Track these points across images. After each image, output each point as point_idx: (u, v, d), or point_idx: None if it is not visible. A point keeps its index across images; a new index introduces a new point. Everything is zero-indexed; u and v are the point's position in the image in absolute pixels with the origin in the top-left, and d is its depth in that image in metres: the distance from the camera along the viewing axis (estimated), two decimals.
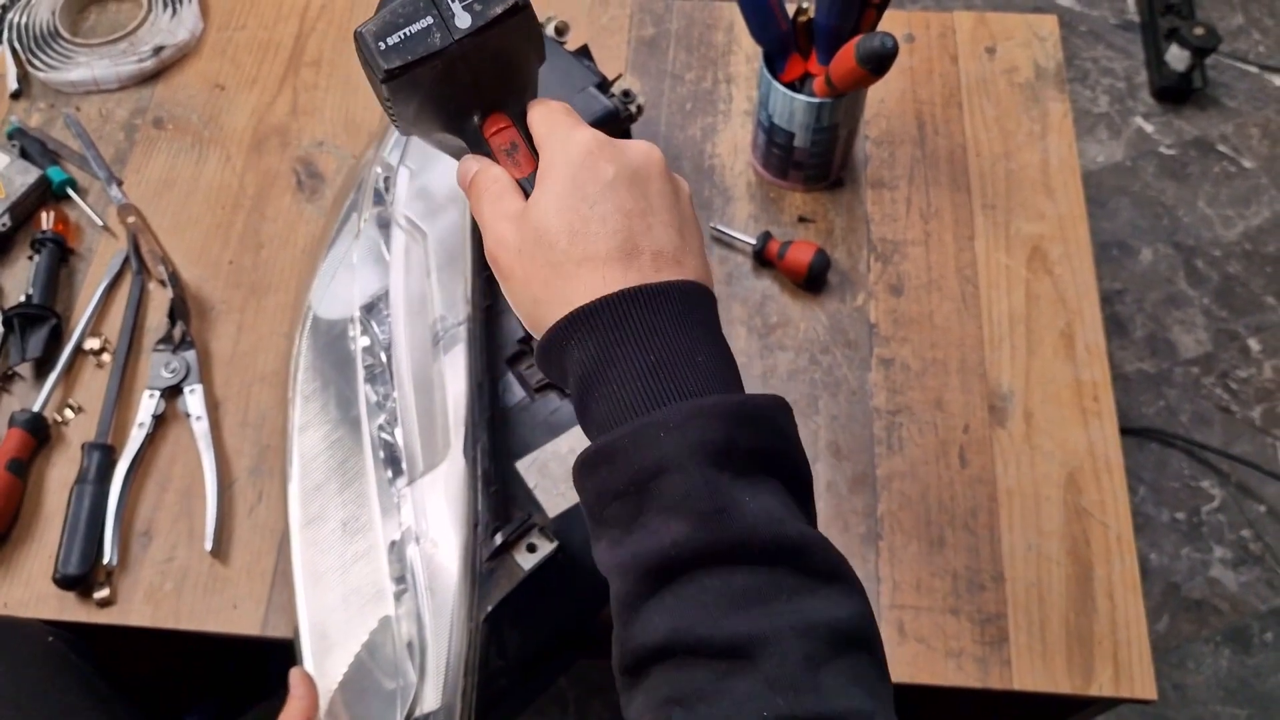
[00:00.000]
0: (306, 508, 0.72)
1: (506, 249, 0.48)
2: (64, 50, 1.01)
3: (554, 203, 0.47)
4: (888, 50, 0.76)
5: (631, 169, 0.48)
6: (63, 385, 0.84)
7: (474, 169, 0.51)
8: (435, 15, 0.48)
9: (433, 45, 0.48)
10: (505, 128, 0.51)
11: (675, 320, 0.45)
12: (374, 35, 0.47)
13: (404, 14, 0.48)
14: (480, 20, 0.48)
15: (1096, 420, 0.82)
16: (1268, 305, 1.57)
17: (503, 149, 0.51)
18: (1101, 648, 0.74)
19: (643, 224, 0.47)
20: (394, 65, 0.47)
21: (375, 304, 0.75)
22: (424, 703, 0.61)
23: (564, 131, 0.49)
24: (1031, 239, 0.90)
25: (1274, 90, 1.79)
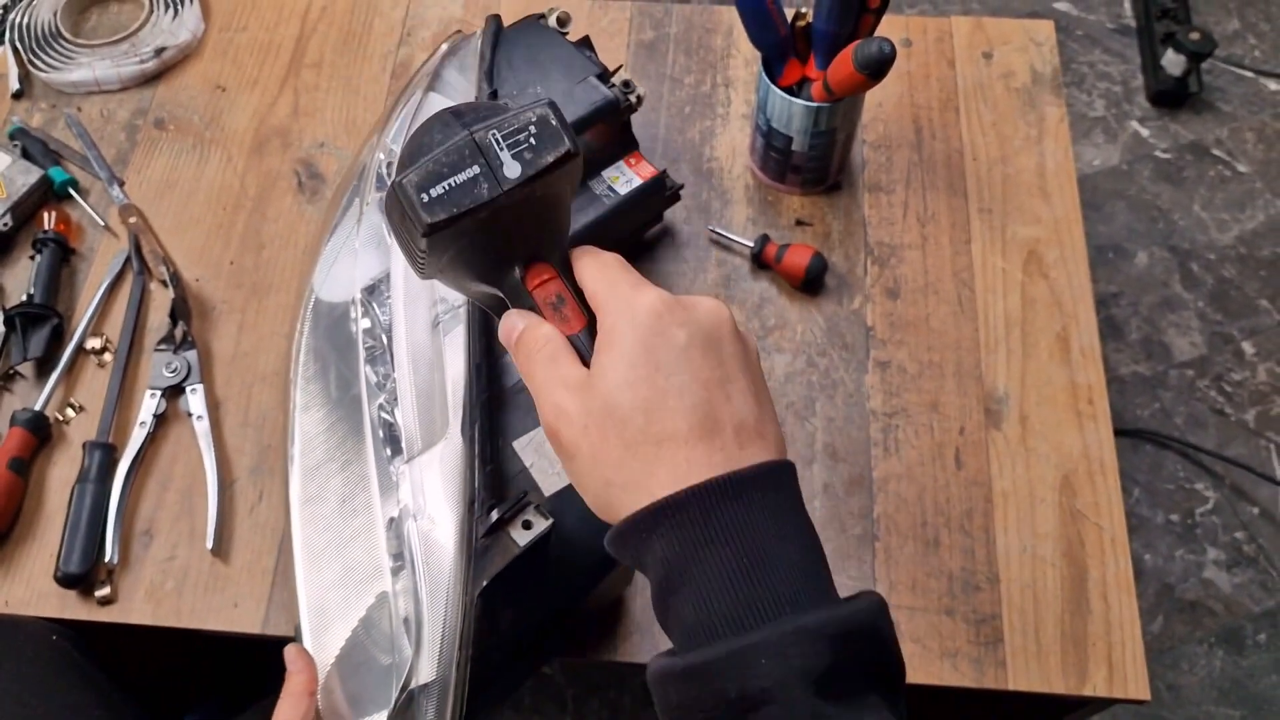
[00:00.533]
0: (306, 486, 0.72)
1: (570, 423, 0.44)
2: (66, 51, 1.01)
3: (625, 374, 0.43)
4: (885, 56, 0.77)
5: (704, 332, 0.45)
6: (64, 384, 0.84)
7: (519, 326, 0.47)
8: (483, 164, 0.44)
9: (480, 196, 0.44)
10: (550, 279, 0.48)
11: (765, 512, 0.42)
12: (416, 186, 0.44)
13: (448, 162, 0.44)
14: (531, 169, 0.45)
15: (1091, 423, 0.83)
16: (1262, 309, 1.58)
17: (548, 302, 0.47)
18: (1096, 649, 0.74)
19: (722, 394, 0.44)
20: (438, 219, 0.44)
21: (376, 286, 0.76)
22: (419, 675, 0.62)
23: (626, 291, 0.45)
24: (1027, 243, 0.91)
25: (1269, 95, 1.80)
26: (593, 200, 0.83)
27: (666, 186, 0.87)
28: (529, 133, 0.45)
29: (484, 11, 1.03)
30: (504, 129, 0.45)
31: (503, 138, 0.45)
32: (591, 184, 0.84)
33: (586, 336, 0.46)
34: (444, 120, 0.47)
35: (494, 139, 0.45)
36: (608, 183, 0.84)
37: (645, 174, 0.85)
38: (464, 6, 1.06)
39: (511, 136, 0.45)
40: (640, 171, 0.85)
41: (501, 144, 0.45)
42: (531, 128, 0.45)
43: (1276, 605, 1.36)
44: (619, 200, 0.84)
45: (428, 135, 0.47)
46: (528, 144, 0.45)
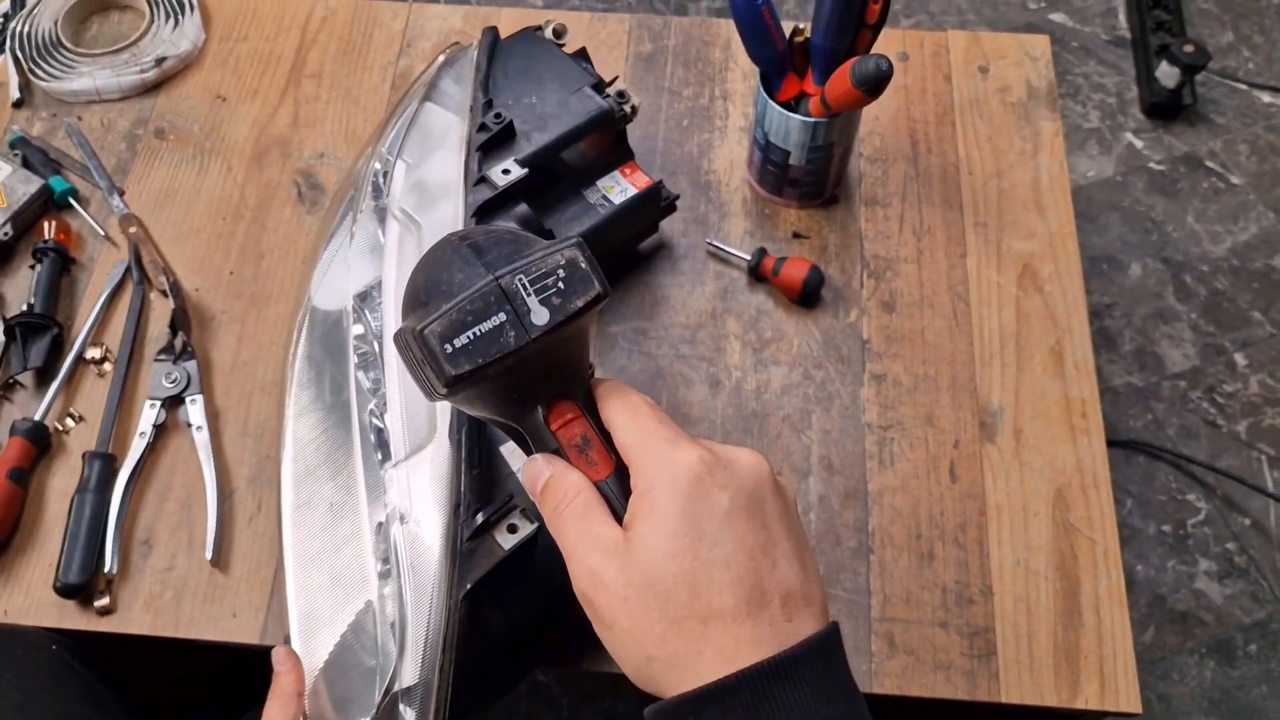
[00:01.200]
0: (299, 492, 0.72)
1: (607, 593, 0.42)
2: (66, 60, 1.02)
3: (666, 543, 0.41)
4: (883, 73, 0.78)
5: (746, 493, 0.43)
6: (64, 394, 0.85)
7: (545, 474, 0.45)
8: (510, 311, 0.43)
9: (506, 346, 0.42)
10: (574, 419, 0.46)
11: (814, 690, 0.41)
12: (439, 336, 0.42)
13: (473, 310, 0.42)
14: (561, 315, 0.43)
15: (1085, 437, 0.83)
16: (1254, 320, 1.59)
17: (574, 445, 0.45)
18: (1088, 661, 0.75)
19: (768, 561, 0.42)
20: (463, 370, 0.42)
21: (369, 293, 0.76)
22: (402, 678, 0.62)
23: (663, 449, 0.43)
24: (1022, 257, 0.92)
25: (1262, 107, 1.81)
26: (587, 209, 0.84)
27: (662, 197, 0.88)
28: (557, 276, 0.44)
29: (484, 23, 1.04)
30: (531, 273, 0.43)
31: (530, 282, 0.43)
32: (586, 193, 0.85)
33: (616, 483, 0.44)
34: (462, 255, 0.45)
35: (521, 284, 0.43)
36: (602, 192, 0.85)
37: (640, 184, 0.86)
38: (464, 18, 1.06)
39: (539, 281, 0.43)
40: (635, 181, 0.86)
41: (529, 289, 0.43)
42: (560, 270, 0.44)
43: (1267, 616, 1.37)
44: (614, 210, 0.84)
45: (445, 272, 0.44)
46: (556, 288, 0.43)
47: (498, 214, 0.77)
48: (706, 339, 0.88)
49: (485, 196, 0.76)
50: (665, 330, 0.88)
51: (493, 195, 0.76)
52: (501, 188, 0.76)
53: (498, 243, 0.45)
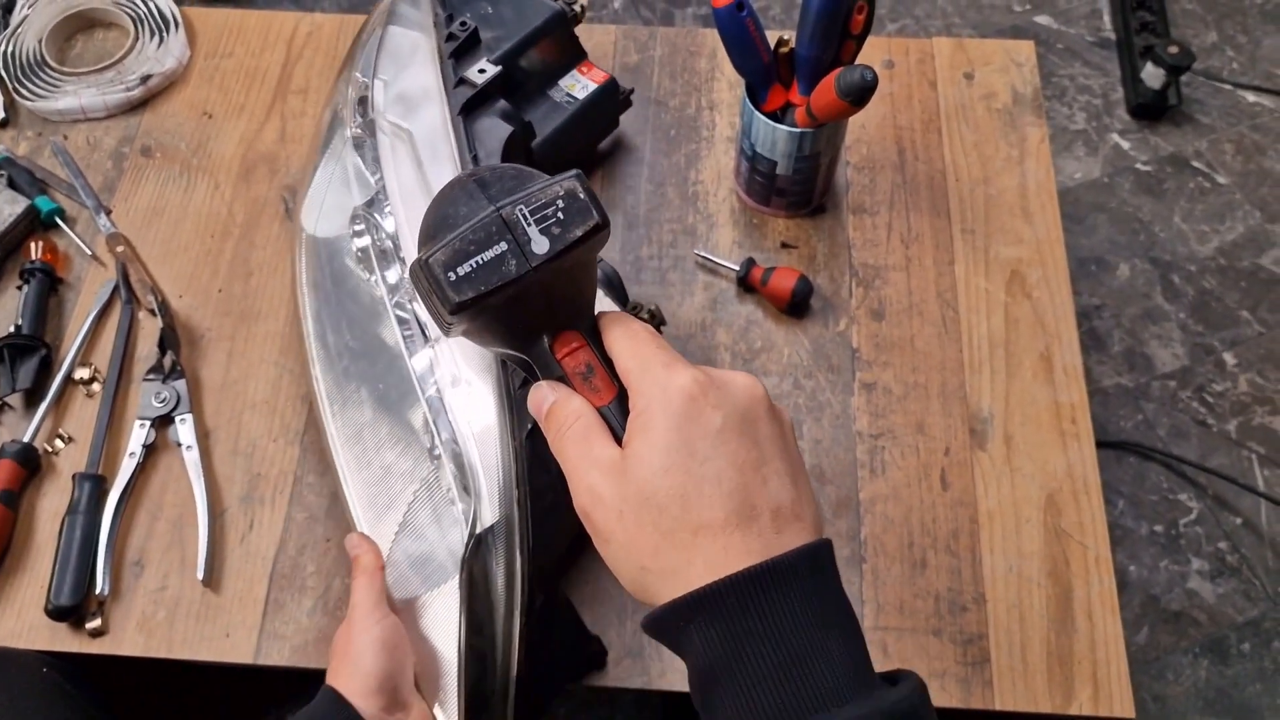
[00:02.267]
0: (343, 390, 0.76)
1: (604, 507, 0.44)
2: (51, 79, 1.01)
3: (659, 459, 0.43)
4: (868, 83, 0.78)
5: (739, 413, 0.44)
6: (53, 415, 0.84)
7: (550, 399, 0.47)
8: (510, 240, 0.44)
9: (508, 274, 0.44)
10: (579, 347, 0.47)
11: (804, 599, 0.42)
12: (443, 265, 0.44)
13: (475, 240, 0.44)
14: (560, 244, 0.45)
15: (1075, 442, 0.84)
16: (1242, 319, 1.60)
17: (578, 372, 0.47)
18: (1081, 667, 0.75)
19: (758, 477, 0.43)
20: (465, 297, 0.44)
21: (374, 199, 0.80)
22: (483, 519, 0.65)
23: (659, 371, 0.45)
24: (1010, 263, 0.92)
25: (1247, 106, 1.82)
26: (555, 108, 0.90)
27: (620, 90, 0.94)
28: (556, 207, 0.45)
29: None
30: (531, 204, 0.45)
31: (530, 213, 0.45)
32: (551, 93, 0.91)
33: (617, 408, 0.46)
34: (468, 190, 0.46)
35: (521, 214, 0.45)
36: (566, 90, 0.91)
37: (598, 79, 0.92)
38: None
39: (539, 211, 0.45)
40: (594, 77, 0.93)
41: (529, 219, 0.45)
42: (559, 201, 0.45)
43: (1260, 614, 1.38)
44: (580, 105, 0.91)
45: (451, 207, 0.46)
46: (555, 218, 0.45)
47: (480, 111, 0.82)
48: (696, 350, 0.88)
49: (467, 95, 0.82)
50: None
51: (474, 93, 0.82)
52: (481, 85, 0.82)
53: (501, 177, 0.47)
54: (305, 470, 0.82)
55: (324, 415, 0.76)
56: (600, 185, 0.97)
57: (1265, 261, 1.65)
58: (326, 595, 0.77)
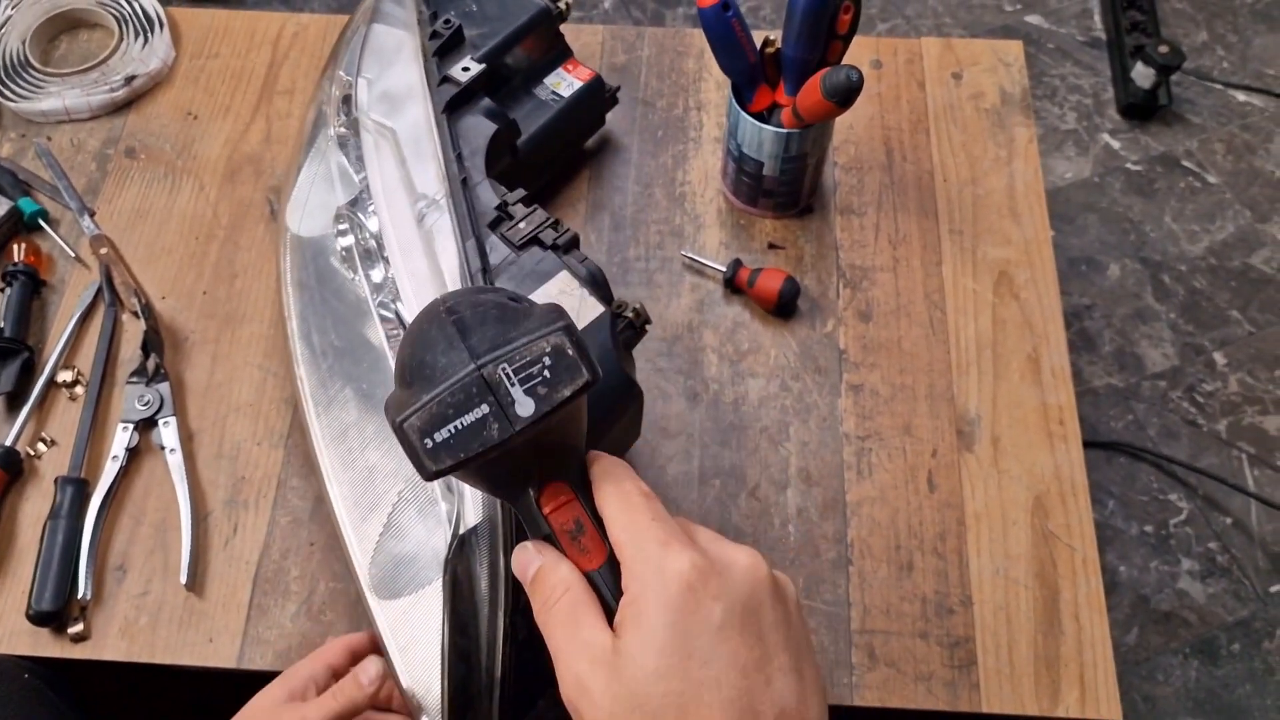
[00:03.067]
0: (327, 390, 0.76)
1: (593, 705, 0.41)
2: (34, 80, 1.01)
3: (653, 661, 0.40)
4: (853, 84, 0.78)
5: (742, 603, 0.41)
6: (35, 419, 0.84)
7: (535, 564, 0.44)
8: (492, 402, 0.41)
9: (489, 439, 0.41)
10: (566, 502, 0.44)
11: None
12: (419, 430, 0.41)
13: (453, 403, 0.41)
14: (546, 406, 0.41)
15: (1062, 444, 0.84)
16: (1232, 319, 1.60)
17: (566, 530, 0.44)
18: (1068, 669, 0.75)
19: (761, 679, 0.40)
20: (443, 466, 0.41)
21: (358, 199, 0.79)
22: (466, 520, 0.64)
23: (654, 551, 0.41)
24: (998, 264, 0.92)
25: (1237, 106, 1.82)
26: (540, 106, 0.90)
27: (605, 88, 0.94)
28: (543, 364, 0.42)
29: None
30: (515, 362, 0.41)
31: (514, 372, 0.41)
32: (536, 91, 0.91)
33: (609, 574, 0.43)
34: (446, 335, 0.43)
35: (504, 374, 0.41)
36: (551, 89, 0.91)
37: (584, 76, 0.92)
38: None
39: (524, 370, 0.41)
40: (579, 75, 0.92)
41: (513, 379, 0.41)
42: (546, 359, 0.42)
43: (1250, 615, 1.38)
44: (565, 103, 0.91)
45: (429, 353, 0.43)
46: (541, 377, 0.42)
47: (464, 110, 0.82)
48: (683, 352, 0.88)
49: (451, 93, 0.81)
50: (642, 343, 0.88)
51: (458, 91, 0.82)
52: (465, 83, 0.82)
53: (483, 321, 0.43)
54: (289, 474, 0.82)
55: (308, 416, 0.76)
56: (587, 186, 0.97)
57: (1255, 261, 1.65)
58: (310, 599, 0.77)
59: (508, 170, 0.84)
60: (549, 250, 0.72)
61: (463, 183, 0.76)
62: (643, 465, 0.82)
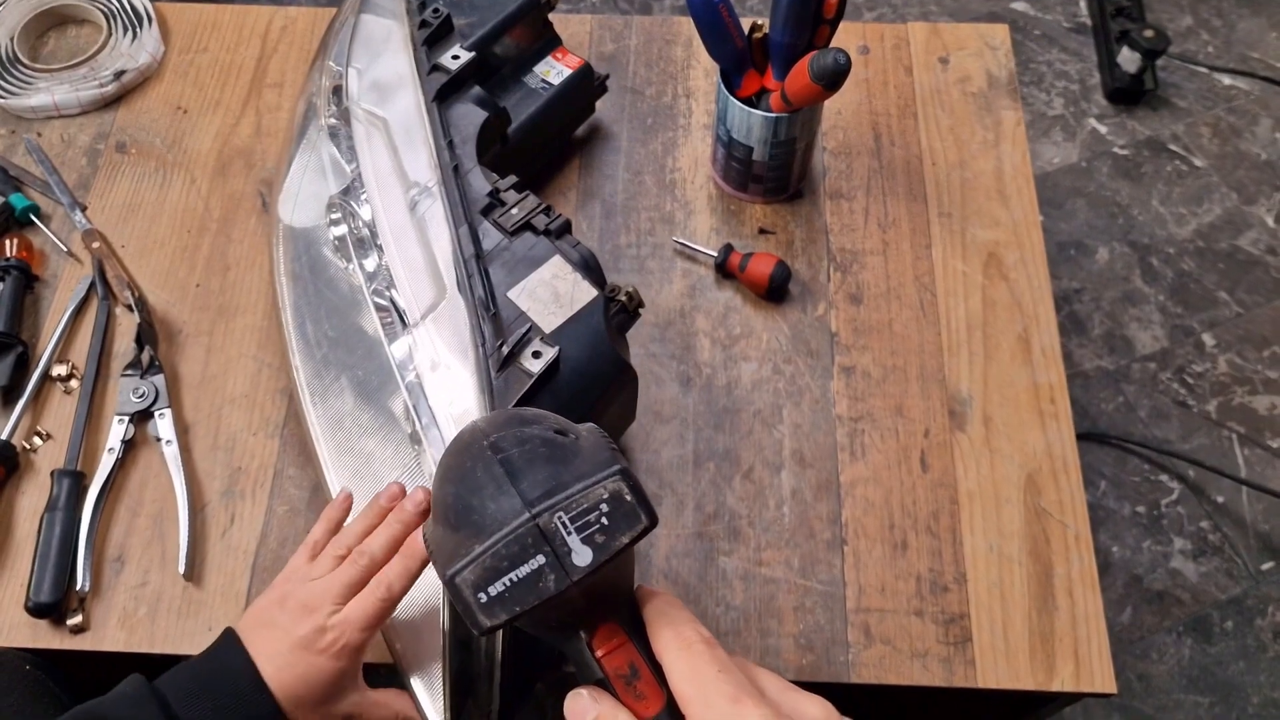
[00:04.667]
0: (322, 379, 0.76)
1: None
2: (24, 76, 1.01)
3: None
4: (840, 67, 0.78)
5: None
6: (30, 413, 0.84)
7: (591, 713, 0.42)
8: (549, 553, 0.39)
9: (546, 591, 0.39)
10: (620, 645, 0.42)
11: None
12: (473, 586, 0.39)
13: (508, 555, 0.39)
14: (605, 554, 0.40)
15: (1054, 422, 0.84)
16: (1221, 300, 1.61)
17: (620, 675, 0.42)
18: (1062, 644, 0.76)
19: None
20: (498, 621, 0.39)
21: (350, 188, 0.80)
22: None
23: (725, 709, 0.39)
24: (987, 245, 0.93)
25: (1223, 90, 1.83)
26: (530, 95, 0.91)
27: (594, 76, 0.95)
28: (600, 511, 0.40)
29: None
30: (572, 510, 0.40)
31: (570, 520, 0.40)
32: (526, 80, 0.92)
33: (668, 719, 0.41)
34: (495, 479, 0.41)
35: (560, 523, 0.40)
36: (541, 77, 0.92)
37: (573, 64, 0.93)
38: None
39: (581, 518, 0.40)
40: (568, 63, 0.93)
41: (570, 528, 0.40)
42: (603, 505, 0.40)
43: (1242, 592, 1.39)
44: (555, 91, 0.91)
45: (476, 498, 0.41)
46: (599, 525, 0.40)
47: (455, 98, 0.82)
48: (676, 337, 0.88)
49: (441, 82, 0.82)
50: (635, 329, 0.88)
51: (448, 80, 0.82)
52: (455, 71, 0.82)
53: (532, 461, 0.41)
54: (285, 463, 0.82)
55: (304, 405, 0.76)
56: (578, 174, 0.97)
57: (1243, 243, 1.66)
58: None
59: (498, 158, 0.85)
60: (541, 236, 0.73)
61: (454, 170, 0.76)
62: (637, 450, 0.83)
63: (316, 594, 0.61)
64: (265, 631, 0.61)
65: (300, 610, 0.60)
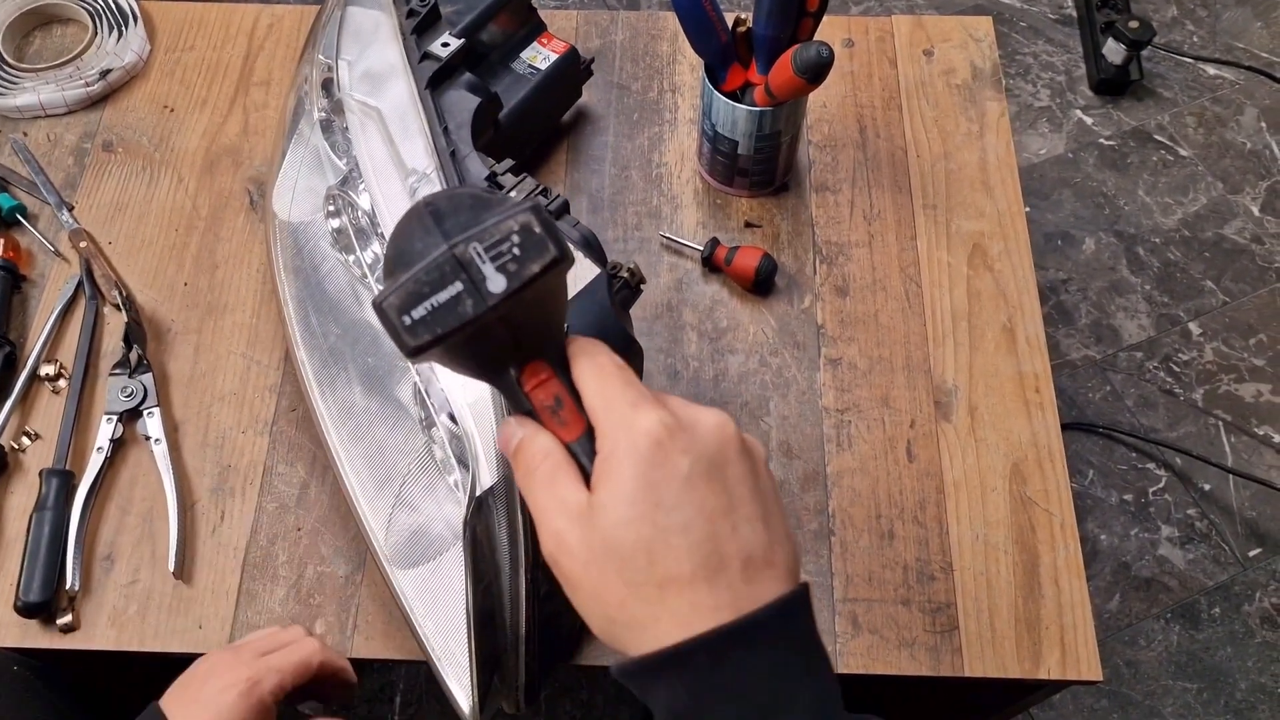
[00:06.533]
0: (328, 370, 0.76)
1: (570, 555, 0.43)
2: (9, 76, 1.01)
3: (624, 510, 0.42)
4: (824, 59, 0.78)
5: (708, 457, 0.43)
6: (19, 412, 0.84)
7: (518, 436, 0.46)
8: (465, 279, 0.42)
9: (464, 314, 0.42)
10: (546, 379, 0.46)
11: (775, 654, 0.41)
12: (397, 309, 0.42)
13: (428, 281, 0.42)
14: (517, 282, 0.43)
15: (1039, 411, 0.85)
16: (1206, 289, 1.62)
17: (546, 406, 0.46)
18: (1049, 632, 0.76)
19: (727, 525, 0.42)
20: (422, 341, 0.42)
21: (347, 178, 0.80)
22: (481, 481, 0.65)
23: (625, 411, 0.43)
24: (972, 236, 0.93)
25: (1208, 80, 1.84)
26: (518, 80, 0.92)
27: (580, 60, 0.96)
28: (512, 242, 0.43)
29: None
30: (486, 240, 0.43)
31: (484, 250, 0.43)
32: (514, 65, 0.92)
33: (587, 443, 0.45)
34: (424, 224, 0.45)
35: (475, 251, 0.43)
36: (528, 62, 0.92)
37: (559, 49, 0.93)
38: None
39: (494, 248, 0.43)
40: (554, 48, 0.94)
41: (484, 256, 0.43)
42: (515, 236, 0.43)
43: (1229, 579, 1.40)
44: (543, 76, 0.92)
45: (407, 242, 0.45)
46: (511, 255, 0.43)
47: (447, 85, 0.83)
48: (663, 330, 0.89)
49: (432, 69, 0.82)
50: None
51: (439, 67, 0.82)
52: (445, 58, 0.83)
53: (457, 208, 0.45)
54: (275, 460, 0.82)
55: (313, 397, 0.76)
56: (565, 169, 0.97)
57: (1228, 232, 1.67)
58: (299, 584, 0.78)
59: (490, 144, 0.85)
60: None
61: (451, 155, 0.77)
62: None
63: (242, 648, 0.64)
64: (187, 690, 0.63)
65: (221, 664, 0.63)
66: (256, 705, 0.61)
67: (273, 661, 0.63)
